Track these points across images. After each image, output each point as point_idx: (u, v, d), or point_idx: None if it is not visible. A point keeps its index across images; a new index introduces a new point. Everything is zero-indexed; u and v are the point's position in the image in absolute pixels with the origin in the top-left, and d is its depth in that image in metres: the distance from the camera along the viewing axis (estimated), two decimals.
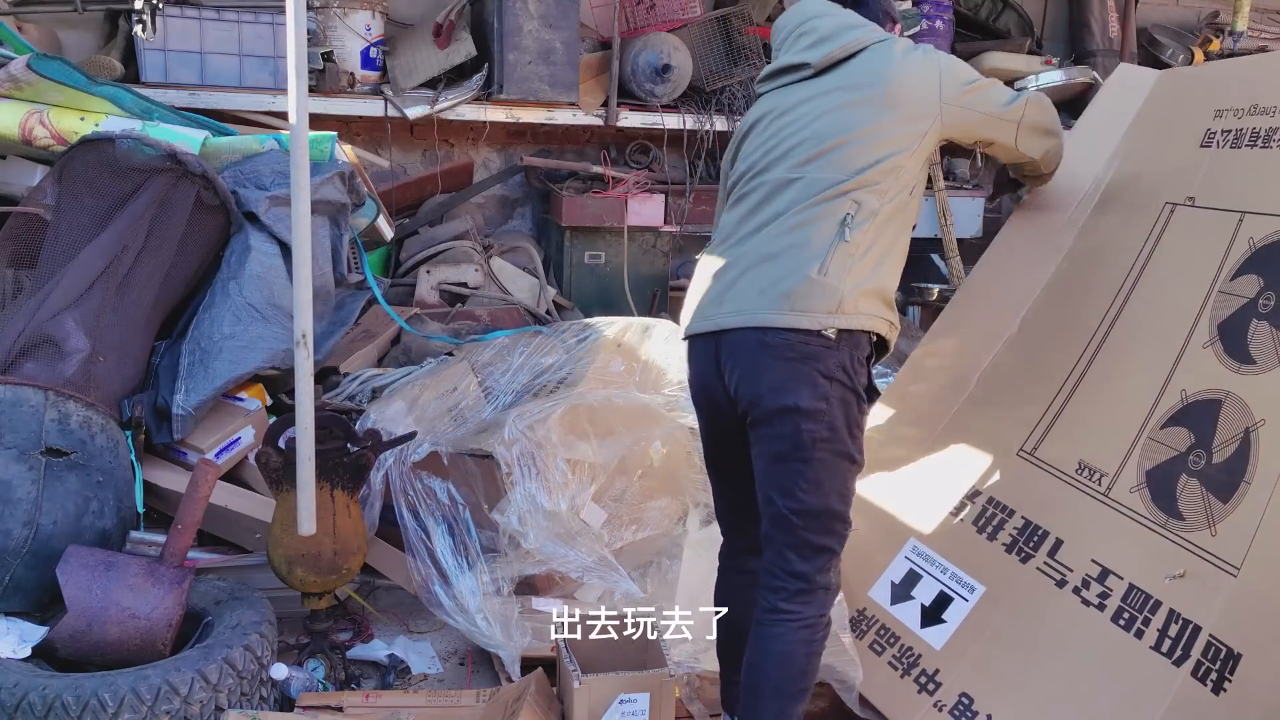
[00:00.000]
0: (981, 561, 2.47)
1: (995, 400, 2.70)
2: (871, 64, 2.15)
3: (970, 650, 2.37)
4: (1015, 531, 2.45)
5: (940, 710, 2.32)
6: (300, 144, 2.25)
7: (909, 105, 2.12)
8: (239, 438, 2.99)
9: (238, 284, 3.01)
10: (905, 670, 2.45)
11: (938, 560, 2.56)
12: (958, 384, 2.79)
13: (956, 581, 2.49)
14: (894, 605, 2.58)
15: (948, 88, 2.16)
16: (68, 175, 2.91)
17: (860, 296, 2.02)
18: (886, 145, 2.08)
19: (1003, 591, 2.40)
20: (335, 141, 3.43)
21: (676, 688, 2.38)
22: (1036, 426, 2.56)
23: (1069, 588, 2.28)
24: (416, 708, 2.40)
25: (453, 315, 4.08)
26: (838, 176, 2.05)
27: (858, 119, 2.09)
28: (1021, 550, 2.42)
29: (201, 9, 3.90)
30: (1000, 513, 2.52)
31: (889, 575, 2.63)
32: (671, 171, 4.68)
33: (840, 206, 2.04)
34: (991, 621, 2.38)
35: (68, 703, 2.00)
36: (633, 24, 4.59)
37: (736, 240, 2.14)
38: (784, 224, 2.06)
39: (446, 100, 4.26)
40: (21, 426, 2.48)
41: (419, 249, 4.37)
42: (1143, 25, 5.70)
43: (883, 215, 2.06)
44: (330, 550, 2.51)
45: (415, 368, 3.40)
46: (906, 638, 2.50)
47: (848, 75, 2.15)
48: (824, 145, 2.08)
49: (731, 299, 2.06)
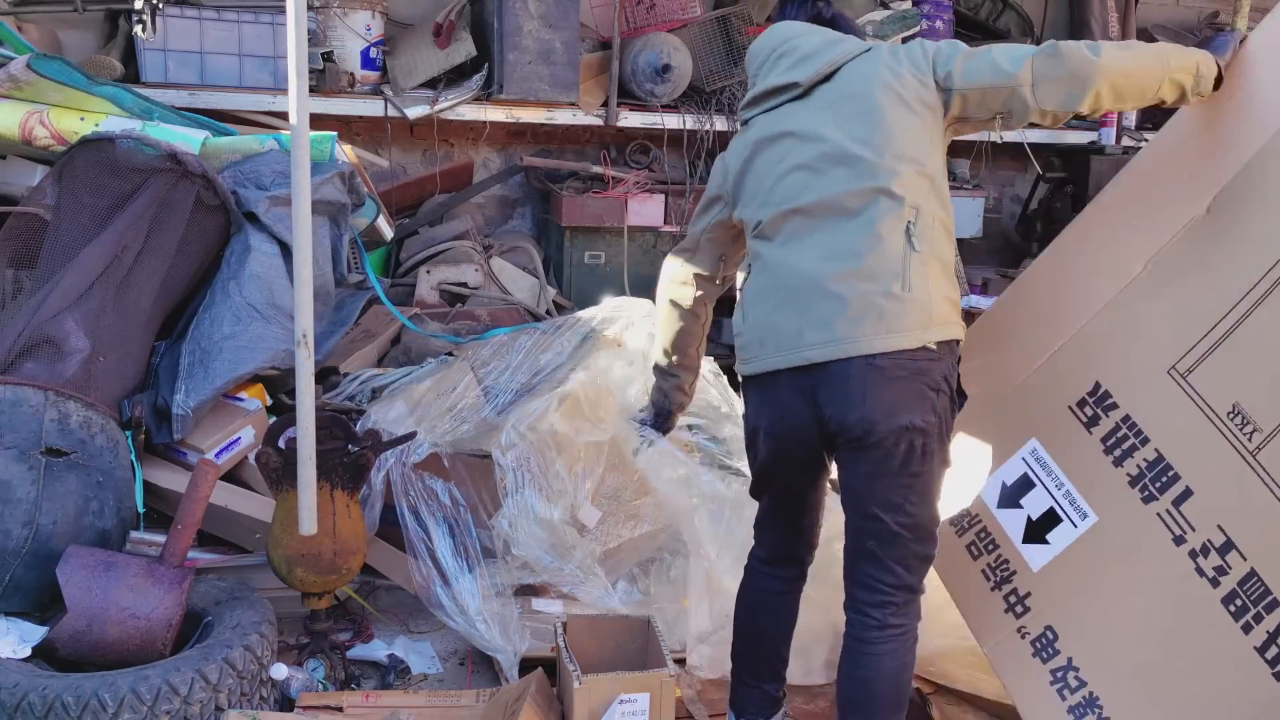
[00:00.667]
0: (1100, 487, 2.22)
1: (1159, 295, 2.28)
2: (863, 70, 2.10)
3: (1067, 582, 2.20)
4: (1144, 464, 2.18)
5: (1023, 637, 2.20)
6: (300, 144, 2.25)
7: (914, 98, 2.07)
8: (239, 438, 2.99)
9: (238, 284, 3.01)
10: (997, 584, 2.31)
11: (1056, 472, 2.31)
12: (1120, 267, 2.37)
13: (1070, 502, 2.27)
14: (1000, 509, 2.39)
15: (941, 66, 2.09)
16: (68, 175, 2.91)
17: (944, 304, 2.02)
18: (910, 145, 2.04)
19: (1115, 528, 2.18)
20: (335, 141, 3.43)
21: (677, 688, 2.38)
22: (1196, 345, 2.17)
23: (1186, 549, 2.05)
24: (416, 708, 2.39)
25: (453, 315, 4.08)
26: (881, 185, 2.00)
27: (873, 126, 2.04)
28: (1146, 489, 2.16)
29: (201, 9, 3.90)
30: (1133, 436, 2.22)
31: (1002, 475, 2.40)
32: (671, 171, 4.68)
33: (901, 214, 2.00)
34: (1096, 558, 2.18)
35: (68, 703, 2.00)
36: (633, 24, 4.59)
37: (789, 269, 2.06)
38: (847, 245, 2.00)
39: (446, 100, 4.26)
40: (21, 426, 2.48)
41: (419, 249, 4.36)
42: (1143, 25, 5.70)
43: (933, 215, 2.04)
44: (330, 550, 2.51)
45: (415, 368, 3.40)
46: (1005, 548, 2.33)
47: (843, 87, 2.10)
48: (851, 159, 2.03)
49: (815, 330, 1.99)
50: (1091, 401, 2.31)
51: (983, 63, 2.07)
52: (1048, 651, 2.16)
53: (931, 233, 2.03)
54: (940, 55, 2.10)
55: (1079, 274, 2.46)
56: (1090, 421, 2.30)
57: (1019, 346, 2.49)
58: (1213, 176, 2.26)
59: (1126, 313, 2.32)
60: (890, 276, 1.97)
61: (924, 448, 1.99)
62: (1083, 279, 2.44)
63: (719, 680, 2.58)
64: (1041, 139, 5.38)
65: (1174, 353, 2.21)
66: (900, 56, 2.11)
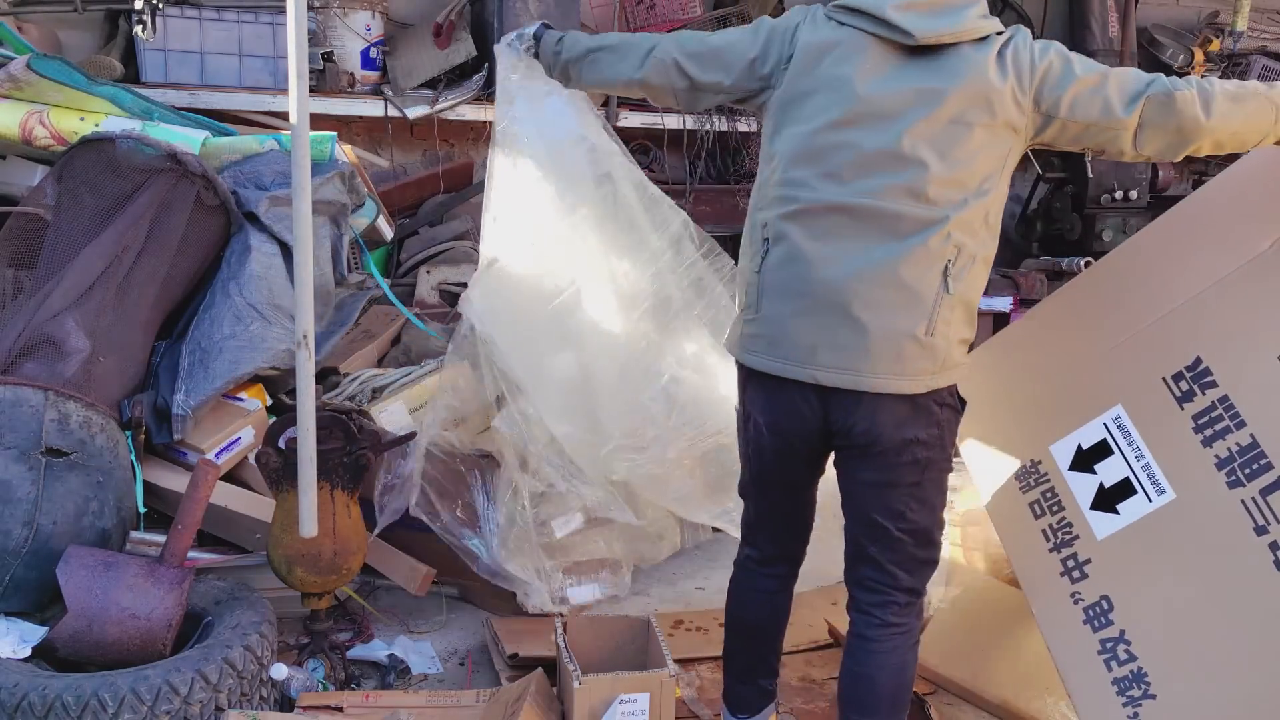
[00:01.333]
0: (1184, 465, 2.15)
1: (1274, 278, 2.19)
2: (971, 68, 1.92)
3: (1131, 555, 2.14)
4: (1236, 448, 2.10)
5: (1076, 603, 2.16)
6: (301, 144, 2.24)
7: (1003, 122, 1.94)
8: (239, 438, 2.99)
9: (238, 284, 3.01)
10: (1056, 546, 2.27)
11: (1138, 442, 2.24)
12: (1243, 242, 2.25)
13: (1148, 475, 2.20)
14: (1071, 471, 2.34)
15: (1049, 91, 1.94)
16: (68, 175, 2.91)
17: (959, 348, 2.01)
18: (980, 168, 1.94)
19: (1193, 509, 2.11)
20: (335, 142, 3.43)
21: (677, 688, 2.38)
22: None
23: (1267, 540, 1.99)
24: (416, 708, 2.39)
25: (453, 315, 4.08)
26: (938, 213, 1.91)
27: (955, 137, 1.92)
28: (1234, 473, 2.08)
29: (201, 9, 3.90)
30: (1228, 418, 2.13)
31: (1079, 437, 2.34)
32: (671, 171, 4.68)
33: (943, 251, 1.92)
34: (1167, 535, 2.12)
35: (67, 703, 2.00)
36: (633, 24, 4.59)
37: (818, 277, 1.96)
38: (885, 270, 1.92)
39: (446, 100, 4.26)
40: (21, 426, 2.48)
41: (419, 249, 4.37)
42: (1143, 25, 5.70)
43: (978, 258, 1.98)
44: (330, 550, 2.51)
45: (415, 368, 3.40)
46: (1070, 511, 2.29)
47: (947, 72, 1.93)
48: (916, 169, 1.91)
49: (830, 353, 1.95)
50: (1189, 376, 2.23)
51: (1096, 98, 1.95)
52: (1100, 620, 2.12)
53: (969, 272, 1.96)
54: (1050, 76, 1.95)
55: (1195, 244, 2.38)
56: (1184, 397, 2.23)
57: (1118, 310, 2.42)
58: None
59: (1243, 290, 2.22)
60: (919, 317, 1.93)
61: (927, 459, 2.00)
62: (1198, 250, 2.35)
63: (718, 679, 2.58)
64: None
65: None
66: (1008, 67, 1.94)
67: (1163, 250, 2.46)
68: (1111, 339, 2.40)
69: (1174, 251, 2.42)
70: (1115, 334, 2.40)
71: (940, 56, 1.95)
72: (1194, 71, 5.67)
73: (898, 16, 1.94)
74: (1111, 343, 2.40)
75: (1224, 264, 2.27)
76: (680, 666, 2.60)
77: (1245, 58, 5.81)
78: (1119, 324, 2.41)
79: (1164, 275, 2.39)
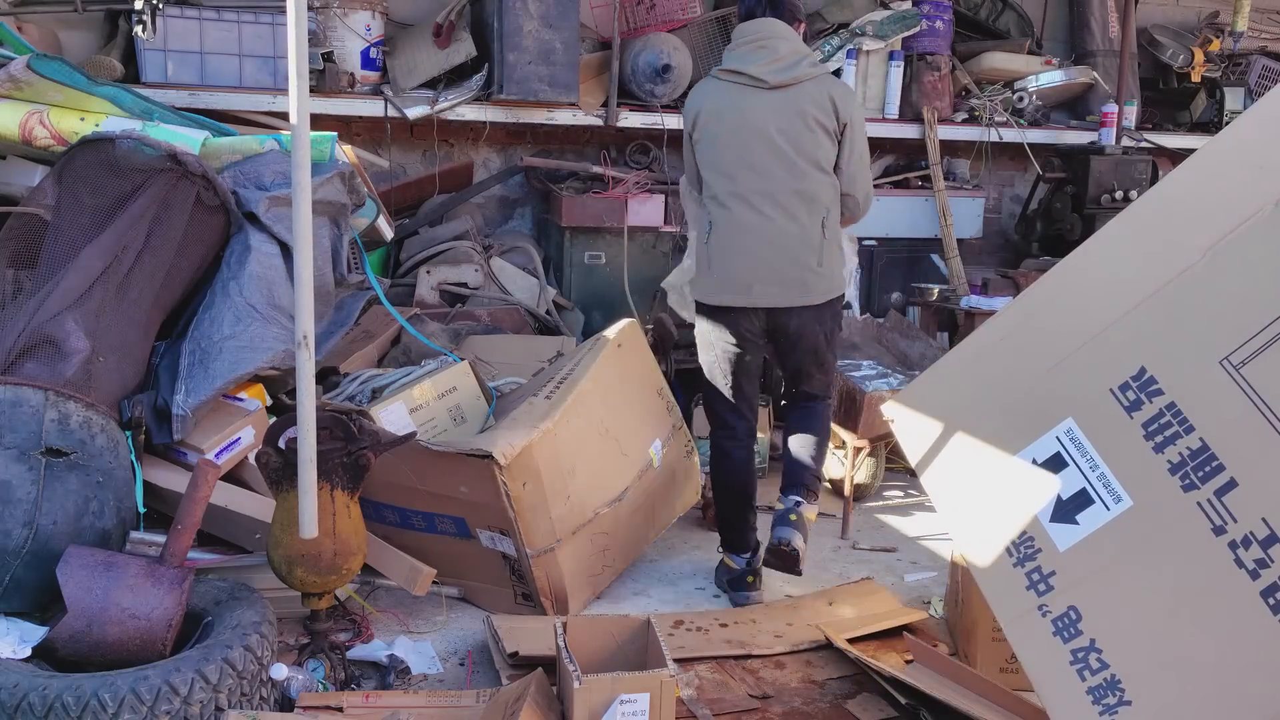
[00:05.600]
0: (1138, 472, 2.20)
1: (1216, 285, 2.26)
2: (816, 93, 3.02)
3: (1095, 564, 2.18)
4: (1187, 452, 2.14)
5: (1044, 615, 2.19)
6: (301, 144, 2.24)
7: (833, 125, 3.04)
8: (239, 438, 2.99)
9: (238, 284, 3.01)
10: (1020, 560, 2.30)
11: (1091, 454, 2.30)
12: (1176, 254, 2.34)
13: (1104, 485, 2.26)
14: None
15: (856, 113, 3.10)
16: (68, 175, 2.91)
17: (841, 271, 3.17)
18: (828, 158, 3.06)
19: (1150, 514, 2.15)
20: (335, 142, 3.43)
21: (677, 688, 2.38)
22: (1254, 338, 2.16)
23: (1225, 539, 2.02)
24: (416, 708, 2.39)
25: (453, 315, 4.09)
26: (814, 189, 3.04)
27: (818, 137, 3.02)
28: (1187, 477, 2.12)
29: (201, 9, 3.90)
30: (1177, 424, 2.19)
31: (1033, 451, 2.40)
32: (671, 171, 4.68)
33: (818, 211, 3.05)
34: (1128, 542, 2.17)
35: (67, 703, 2.00)
36: (633, 24, 4.59)
37: (743, 243, 3.05)
38: (785, 229, 3.04)
39: (446, 100, 4.26)
40: (21, 427, 2.48)
41: (419, 249, 4.37)
42: (1143, 25, 5.70)
43: (834, 214, 3.11)
44: (330, 550, 2.51)
45: (415, 368, 3.41)
46: (1032, 526, 2.32)
47: (800, 99, 3.01)
48: (799, 158, 3.01)
49: (762, 288, 3.05)
50: (1135, 386, 2.28)
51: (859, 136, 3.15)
52: (1069, 631, 2.14)
53: (832, 225, 3.09)
54: (858, 106, 3.15)
55: (1132, 257, 2.45)
56: (1132, 406, 2.28)
57: (1061, 325, 2.48)
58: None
59: (1180, 300, 2.30)
60: (811, 256, 3.05)
61: (829, 334, 3.18)
62: (1135, 263, 2.42)
63: (718, 679, 2.58)
64: (1042, 139, 5.38)
65: (1228, 344, 2.18)
66: (838, 88, 3.09)
67: (1106, 261, 2.52)
68: (1059, 352, 2.46)
69: (1111, 265, 2.49)
70: (1062, 348, 2.46)
71: (790, 90, 3.03)
72: (1194, 71, 5.67)
73: (756, 71, 3.03)
74: (1060, 356, 2.45)
75: (1161, 274, 2.35)
76: (680, 666, 2.60)
77: (1245, 58, 5.81)
78: (1066, 337, 2.46)
79: (1105, 288, 2.46)
